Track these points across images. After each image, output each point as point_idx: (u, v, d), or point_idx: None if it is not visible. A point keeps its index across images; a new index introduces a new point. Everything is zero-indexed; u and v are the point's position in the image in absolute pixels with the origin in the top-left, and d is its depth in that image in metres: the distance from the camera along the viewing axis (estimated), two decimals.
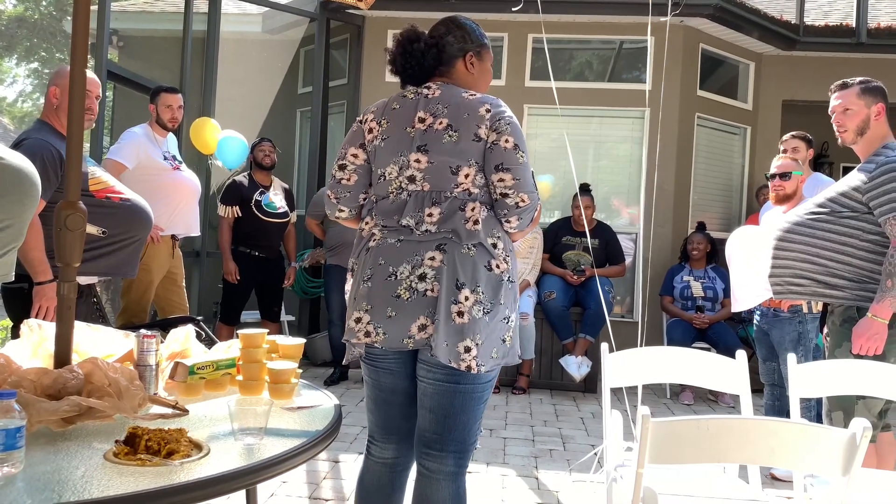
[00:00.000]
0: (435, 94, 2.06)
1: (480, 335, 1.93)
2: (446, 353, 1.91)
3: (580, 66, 6.91)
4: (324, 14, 6.56)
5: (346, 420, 4.32)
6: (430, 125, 2.01)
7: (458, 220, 1.97)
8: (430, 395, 1.99)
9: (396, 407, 2.10)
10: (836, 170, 8.12)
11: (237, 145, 5.31)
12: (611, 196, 6.71)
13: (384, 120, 2.08)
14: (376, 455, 2.14)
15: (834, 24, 6.82)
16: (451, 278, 1.92)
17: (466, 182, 1.99)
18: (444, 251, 1.95)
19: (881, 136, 2.75)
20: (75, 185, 1.76)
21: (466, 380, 1.96)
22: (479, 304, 1.93)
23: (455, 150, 1.98)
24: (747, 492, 2.25)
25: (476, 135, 1.98)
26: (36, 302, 2.74)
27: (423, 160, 1.99)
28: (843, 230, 2.68)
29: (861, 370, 2.48)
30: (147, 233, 3.08)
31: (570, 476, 3.62)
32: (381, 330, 1.96)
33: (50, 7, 20.19)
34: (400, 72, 2.15)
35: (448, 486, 1.99)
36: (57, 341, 1.74)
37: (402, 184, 2.02)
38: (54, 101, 2.96)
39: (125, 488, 1.24)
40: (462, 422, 1.99)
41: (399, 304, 1.94)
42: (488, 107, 2.01)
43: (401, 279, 1.95)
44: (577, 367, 5.45)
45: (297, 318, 6.60)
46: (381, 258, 1.99)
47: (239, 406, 1.58)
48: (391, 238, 2.00)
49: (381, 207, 2.05)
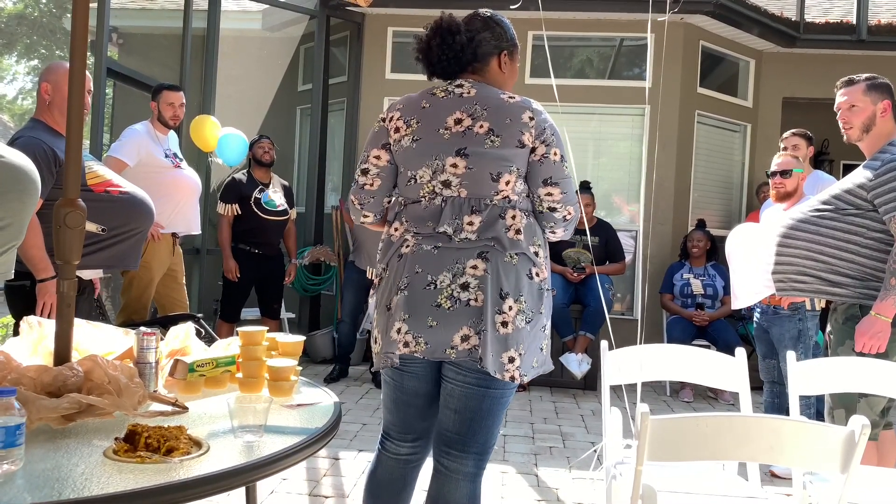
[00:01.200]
0: (470, 92, 1.98)
1: (523, 345, 1.91)
2: (493, 364, 1.87)
3: (580, 63, 6.91)
4: (324, 11, 6.55)
5: (346, 417, 4.33)
6: (468, 127, 1.93)
7: (499, 228, 1.91)
8: (457, 396, 1.96)
9: (416, 409, 2.08)
10: (837, 167, 8.12)
11: (237, 143, 5.30)
12: (611, 193, 6.71)
13: (413, 119, 1.98)
14: (391, 451, 2.13)
15: (834, 21, 6.81)
16: (496, 288, 1.88)
17: (507, 189, 1.93)
18: (487, 260, 1.89)
19: (887, 133, 2.74)
20: (74, 183, 1.76)
21: (498, 385, 1.94)
22: (521, 314, 1.90)
23: (497, 156, 1.91)
24: (746, 489, 2.26)
25: (520, 141, 1.92)
26: (40, 299, 2.74)
27: (461, 165, 1.92)
28: (848, 228, 2.67)
29: (864, 368, 2.47)
30: (149, 224, 3.05)
31: (570, 473, 3.62)
32: (421, 340, 1.90)
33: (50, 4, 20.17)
34: (432, 62, 2.03)
35: (466, 487, 1.97)
36: (57, 339, 1.74)
37: (436, 188, 1.95)
38: (46, 97, 2.94)
39: (125, 485, 1.24)
40: (487, 425, 1.97)
41: (440, 314, 1.89)
42: (531, 113, 1.95)
43: (441, 288, 1.89)
44: (578, 365, 5.45)
45: (297, 316, 6.60)
46: (419, 266, 1.92)
47: (239, 403, 1.58)
48: (427, 245, 1.94)
49: (413, 213, 1.98)
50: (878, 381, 2.46)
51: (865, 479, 2.32)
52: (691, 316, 5.60)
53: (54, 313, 2.68)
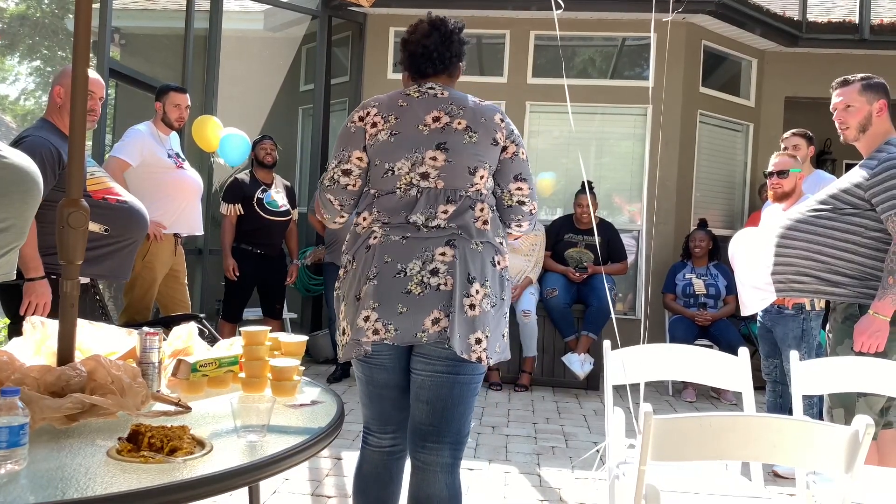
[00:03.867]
0: (443, 94, 2.09)
1: (489, 328, 1.99)
2: (460, 344, 1.94)
3: (583, 63, 6.90)
4: (326, 11, 6.55)
5: (349, 417, 4.33)
6: (447, 124, 2.04)
7: (468, 218, 2.02)
8: (427, 387, 2.03)
9: (389, 400, 2.15)
10: (839, 167, 8.10)
11: (239, 143, 5.31)
12: (613, 193, 6.71)
13: (392, 115, 2.06)
14: (373, 444, 2.20)
15: (837, 21, 6.81)
16: (464, 272, 1.97)
17: (480, 183, 2.04)
18: (455, 246, 1.98)
19: (883, 133, 2.75)
20: (78, 183, 1.75)
21: (466, 370, 2.01)
22: (487, 298, 1.99)
23: (475, 152, 2.03)
24: (750, 489, 2.25)
25: (494, 139, 2.06)
26: (25, 298, 2.73)
27: (440, 158, 2.02)
28: (846, 227, 2.67)
29: (863, 367, 2.47)
30: (142, 235, 3.10)
31: (573, 473, 3.62)
32: (391, 327, 1.96)
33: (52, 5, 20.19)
34: (424, 58, 2.11)
35: (444, 479, 2.03)
36: (60, 339, 1.74)
37: (414, 180, 2.02)
38: (58, 100, 2.96)
39: (128, 485, 1.24)
40: (459, 413, 2.04)
41: (411, 300, 1.95)
42: (500, 115, 2.10)
43: (411, 275, 1.96)
44: (580, 365, 5.45)
45: (300, 316, 6.61)
46: (388, 256, 1.99)
47: (241, 403, 1.58)
48: (395, 235, 2.00)
49: (385, 203, 2.04)
50: (877, 380, 2.46)
51: (866, 479, 2.31)
52: (694, 316, 5.60)
53: (40, 312, 2.69)
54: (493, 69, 6.67)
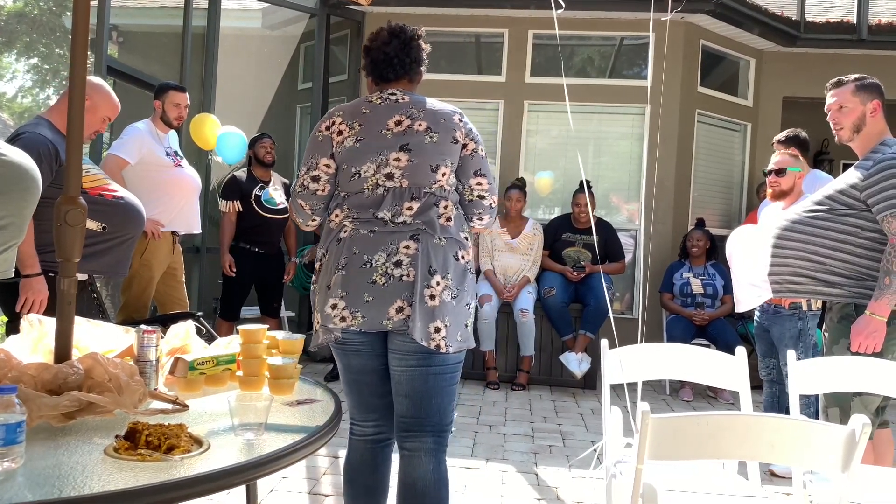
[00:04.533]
0: (404, 99, 2.19)
1: (449, 317, 2.08)
2: (420, 332, 2.04)
3: (581, 62, 6.91)
4: (324, 10, 6.55)
5: (346, 416, 4.32)
6: (408, 127, 2.14)
7: (433, 214, 2.12)
8: (403, 381, 2.12)
9: (367, 386, 2.22)
10: (837, 167, 8.12)
11: (237, 141, 5.30)
12: (611, 193, 6.71)
13: (356, 122, 2.16)
14: (358, 433, 2.29)
15: (835, 21, 6.81)
16: (425, 265, 2.07)
17: (442, 180, 2.15)
18: (418, 241, 2.08)
19: (878, 133, 2.75)
20: (75, 180, 1.75)
21: (436, 361, 2.09)
22: (447, 290, 2.09)
23: (436, 151, 2.13)
24: (746, 488, 2.26)
25: (454, 138, 2.16)
26: (22, 294, 2.72)
27: (403, 158, 2.12)
28: (842, 228, 2.67)
29: (859, 367, 2.48)
30: (139, 231, 3.10)
31: (570, 472, 3.62)
32: (358, 314, 2.07)
33: (50, 2, 20.15)
34: (385, 64, 2.23)
35: (429, 461, 2.12)
36: (57, 337, 1.74)
37: (380, 181, 2.13)
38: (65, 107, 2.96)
39: (125, 483, 1.24)
40: (437, 403, 2.13)
41: (376, 290, 2.06)
42: (459, 116, 2.21)
43: (376, 266, 2.07)
44: (578, 364, 5.45)
45: (297, 314, 6.60)
46: (356, 248, 2.09)
47: (239, 402, 1.58)
48: (364, 229, 2.11)
49: (354, 202, 2.15)
50: (873, 379, 2.46)
51: (862, 478, 2.32)
52: (691, 315, 5.60)
53: (35, 309, 2.69)
54: (492, 68, 6.67)
